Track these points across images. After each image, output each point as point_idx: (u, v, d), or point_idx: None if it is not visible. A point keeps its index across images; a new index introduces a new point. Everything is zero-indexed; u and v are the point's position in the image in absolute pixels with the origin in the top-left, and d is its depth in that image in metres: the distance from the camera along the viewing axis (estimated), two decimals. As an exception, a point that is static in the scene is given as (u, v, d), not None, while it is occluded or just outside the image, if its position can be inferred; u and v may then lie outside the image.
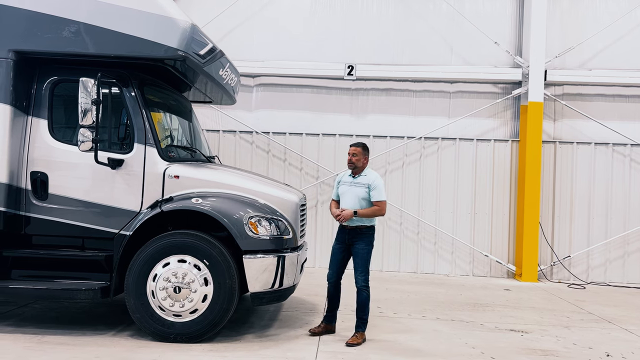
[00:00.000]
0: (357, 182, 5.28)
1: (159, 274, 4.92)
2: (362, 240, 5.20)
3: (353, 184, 5.29)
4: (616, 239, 9.55)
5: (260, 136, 9.89)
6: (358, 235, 5.20)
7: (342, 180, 5.44)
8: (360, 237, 5.20)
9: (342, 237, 5.30)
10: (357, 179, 5.30)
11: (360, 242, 5.20)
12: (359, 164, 5.31)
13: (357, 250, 5.20)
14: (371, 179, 5.26)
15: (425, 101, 9.96)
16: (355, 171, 5.32)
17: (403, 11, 9.99)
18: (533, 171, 9.31)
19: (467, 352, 5.09)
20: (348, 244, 5.25)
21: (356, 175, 5.32)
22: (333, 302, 5.43)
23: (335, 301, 5.42)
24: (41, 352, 4.61)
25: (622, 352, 5.25)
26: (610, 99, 9.78)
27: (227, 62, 6.33)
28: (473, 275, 9.67)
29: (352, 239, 5.21)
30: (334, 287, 5.38)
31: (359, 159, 5.31)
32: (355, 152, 5.31)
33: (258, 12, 10.04)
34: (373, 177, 5.29)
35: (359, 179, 5.29)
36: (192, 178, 5.25)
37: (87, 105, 4.78)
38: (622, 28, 9.69)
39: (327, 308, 5.49)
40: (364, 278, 5.18)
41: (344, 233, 5.28)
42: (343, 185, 5.38)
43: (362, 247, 5.19)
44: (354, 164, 5.30)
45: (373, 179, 5.26)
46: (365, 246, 5.20)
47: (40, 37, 5.08)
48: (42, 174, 5.16)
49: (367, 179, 5.26)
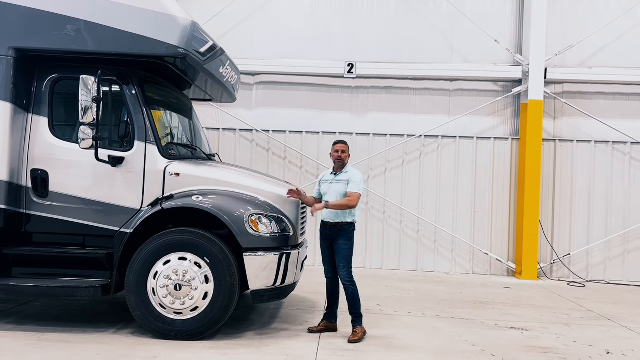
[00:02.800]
0: (338, 179, 5.33)
1: (159, 272, 4.92)
2: (342, 236, 5.25)
3: (334, 181, 5.33)
4: (616, 237, 9.56)
5: (260, 134, 9.89)
6: (339, 232, 5.25)
7: (323, 179, 5.48)
8: (341, 234, 5.24)
9: (325, 233, 5.35)
10: (338, 176, 5.34)
11: (341, 239, 5.24)
12: (347, 160, 5.40)
13: (338, 247, 5.25)
14: (351, 174, 5.33)
15: (425, 99, 9.96)
16: (340, 168, 5.36)
17: (403, 9, 9.98)
18: (533, 169, 9.31)
19: (467, 349, 5.09)
20: (330, 241, 5.31)
21: (338, 173, 5.36)
22: (332, 299, 5.47)
23: (334, 297, 5.46)
24: (41, 350, 4.61)
25: (622, 350, 5.25)
26: (610, 97, 9.78)
27: (228, 59, 6.32)
28: (473, 273, 9.68)
29: (333, 235, 5.27)
30: (332, 283, 5.43)
31: (347, 155, 5.39)
32: (344, 148, 5.38)
33: (258, 10, 10.04)
34: (353, 172, 5.36)
35: (340, 175, 5.33)
36: (193, 176, 5.25)
37: (88, 103, 4.78)
38: (622, 26, 9.68)
39: (327, 305, 5.53)
40: (347, 273, 5.22)
41: (326, 229, 5.33)
42: (324, 184, 5.43)
43: (343, 243, 5.24)
44: (342, 160, 5.35)
45: (353, 174, 5.33)
46: (347, 242, 5.25)
47: (41, 34, 5.08)
48: (42, 171, 5.16)
49: (347, 175, 5.32)
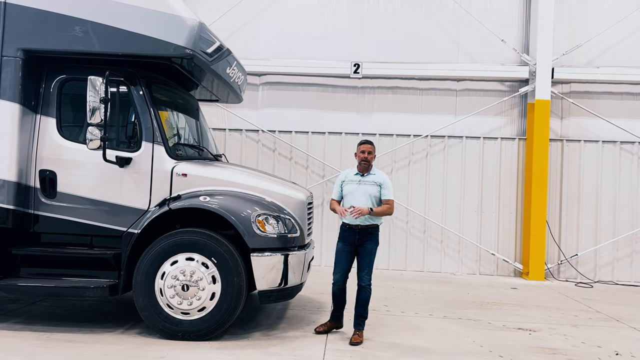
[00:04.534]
0: (366, 180, 5.20)
1: (167, 272, 4.93)
2: (371, 240, 5.17)
3: (362, 182, 5.20)
4: (624, 238, 9.50)
5: (266, 135, 9.89)
6: (367, 235, 5.15)
7: (347, 179, 5.29)
8: (370, 237, 5.16)
9: (351, 237, 5.18)
10: (366, 177, 5.22)
11: (370, 242, 5.16)
12: (372, 161, 5.28)
13: (366, 251, 5.15)
14: (382, 177, 5.23)
15: (431, 99, 9.94)
16: (366, 169, 5.24)
17: (409, 9, 9.96)
18: (540, 169, 9.27)
19: (475, 350, 5.07)
20: (357, 245, 5.18)
21: (365, 174, 5.24)
22: (340, 302, 5.36)
23: (342, 301, 5.36)
24: (50, 350, 4.62)
25: (631, 351, 5.22)
26: (618, 96, 9.72)
27: (234, 60, 6.32)
28: (480, 274, 9.64)
29: (362, 239, 5.16)
30: (341, 290, 5.27)
31: (372, 156, 5.27)
32: (371, 149, 5.25)
33: (265, 10, 10.05)
34: (383, 176, 5.26)
35: (368, 177, 5.22)
36: (200, 176, 5.25)
37: (96, 104, 4.79)
38: (629, 25, 9.63)
39: (334, 308, 5.42)
40: (369, 277, 5.15)
41: (353, 233, 5.17)
42: (350, 184, 5.24)
43: (371, 246, 5.17)
44: (368, 162, 5.22)
45: (384, 178, 5.23)
46: (374, 245, 5.19)
47: (49, 35, 5.10)
48: (50, 172, 5.18)
49: (377, 177, 5.22)
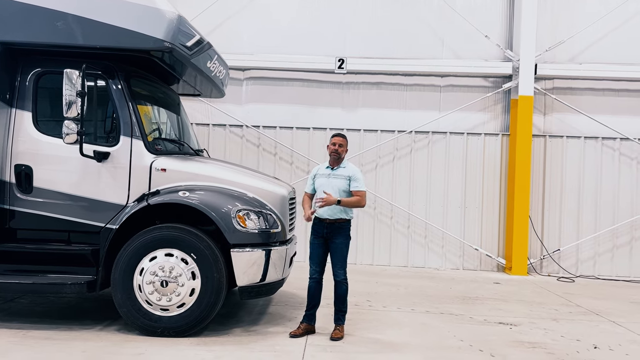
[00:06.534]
0: (336, 174, 5.14)
1: (145, 268, 4.87)
2: (341, 234, 5.09)
3: (332, 175, 5.14)
4: (605, 233, 9.61)
5: (250, 130, 9.83)
6: (337, 230, 5.07)
7: (318, 173, 5.24)
8: (339, 232, 5.08)
9: (320, 231, 5.11)
10: (335, 170, 5.17)
11: (339, 237, 5.08)
12: (343, 154, 5.23)
13: (336, 246, 5.07)
14: (351, 170, 5.17)
15: (416, 95, 9.94)
16: (336, 162, 5.20)
17: (394, 4, 9.93)
18: (523, 165, 9.33)
19: (455, 345, 5.09)
20: (326, 238, 5.11)
21: (335, 167, 5.19)
22: (315, 299, 5.19)
23: (317, 298, 5.19)
24: (26, 347, 4.55)
25: (609, 344, 5.28)
26: (600, 93, 9.80)
27: (215, 54, 6.26)
28: (463, 269, 9.69)
29: (330, 233, 5.08)
30: (317, 283, 5.17)
31: (344, 149, 5.21)
32: (341, 142, 5.19)
33: (248, 4, 9.96)
34: (353, 169, 5.20)
35: (338, 170, 5.16)
36: (180, 171, 5.20)
37: (72, 97, 4.70)
38: (612, 22, 9.69)
39: (308, 306, 5.22)
40: (343, 271, 5.09)
41: (322, 227, 5.09)
42: (321, 177, 5.18)
43: (340, 241, 5.08)
44: (339, 154, 5.17)
45: (353, 170, 5.17)
46: (344, 240, 5.10)
47: (24, 28, 5.00)
48: (26, 167, 5.10)
49: (346, 170, 5.15)
